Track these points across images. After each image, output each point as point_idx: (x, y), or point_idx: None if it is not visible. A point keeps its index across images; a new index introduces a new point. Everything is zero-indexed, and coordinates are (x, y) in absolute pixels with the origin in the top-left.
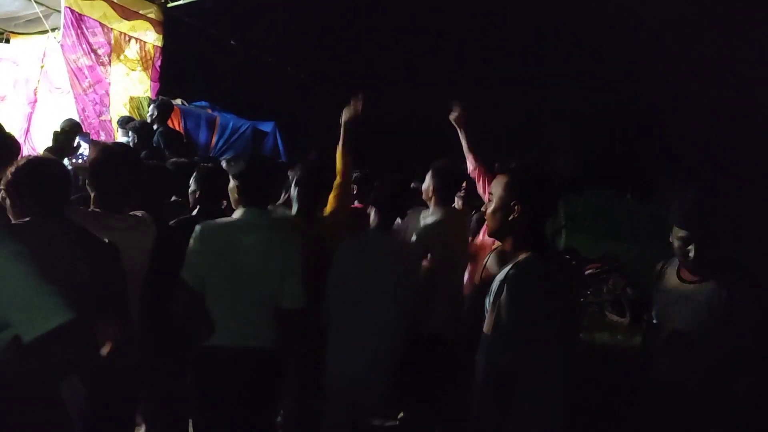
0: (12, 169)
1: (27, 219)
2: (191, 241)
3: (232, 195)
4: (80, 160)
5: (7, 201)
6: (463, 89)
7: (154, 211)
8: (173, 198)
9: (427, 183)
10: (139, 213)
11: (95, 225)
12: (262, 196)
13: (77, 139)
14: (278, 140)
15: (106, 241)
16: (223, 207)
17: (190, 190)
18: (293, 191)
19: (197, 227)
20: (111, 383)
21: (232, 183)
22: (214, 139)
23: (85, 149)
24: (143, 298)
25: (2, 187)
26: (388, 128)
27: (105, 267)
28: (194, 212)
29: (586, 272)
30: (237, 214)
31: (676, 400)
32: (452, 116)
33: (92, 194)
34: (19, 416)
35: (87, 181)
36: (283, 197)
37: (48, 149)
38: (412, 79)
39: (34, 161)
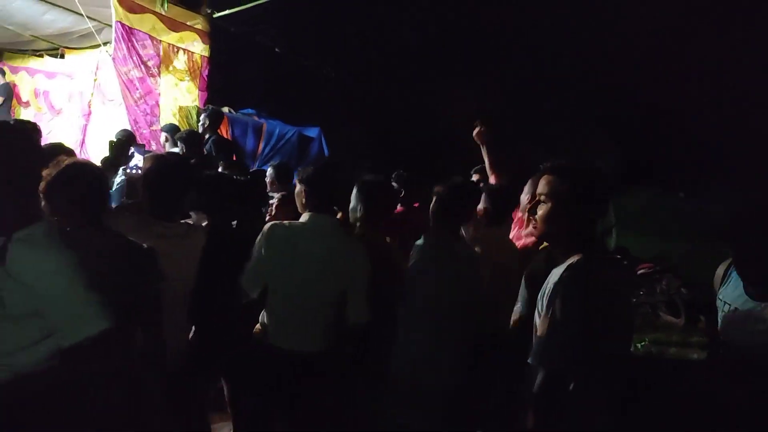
0: (48, 174)
1: (68, 225)
2: (258, 239)
3: (299, 200)
4: (134, 170)
5: (46, 205)
6: (494, 94)
7: (219, 219)
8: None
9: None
10: (190, 220)
11: (145, 231)
12: (328, 202)
13: (131, 149)
14: (323, 146)
15: (145, 246)
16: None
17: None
18: (356, 199)
19: (265, 228)
20: (161, 388)
21: (298, 188)
22: (261, 146)
23: (139, 159)
24: (193, 301)
25: (41, 191)
26: (425, 130)
27: (142, 273)
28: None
29: (638, 272)
30: (303, 218)
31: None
32: (475, 133)
33: (145, 202)
34: (54, 422)
35: (141, 190)
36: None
37: (104, 160)
38: (456, 82)
39: (69, 168)
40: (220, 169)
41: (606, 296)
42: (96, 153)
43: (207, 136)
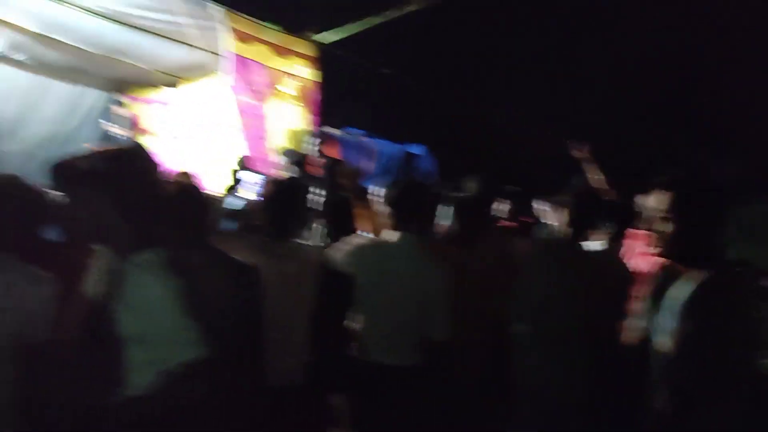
0: (162, 197)
1: (178, 246)
2: (343, 256)
3: (384, 219)
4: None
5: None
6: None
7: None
8: None
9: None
10: (307, 241)
11: (263, 252)
12: (412, 221)
13: (246, 174)
14: (430, 164)
15: (249, 264)
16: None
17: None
18: (451, 215)
19: (350, 246)
20: (280, 406)
21: (383, 207)
22: (370, 166)
23: (253, 183)
24: (312, 321)
25: (155, 214)
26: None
27: (247, 293)
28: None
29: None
30: (388, 237)
31: None
32: (576, 154)
33: (263, 223)
34: None
35: (259, 212)
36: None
37: (228, 188)
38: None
39: (178, 190)
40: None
41: (737, 312)
42: (210, 178)
43: (319, 159)
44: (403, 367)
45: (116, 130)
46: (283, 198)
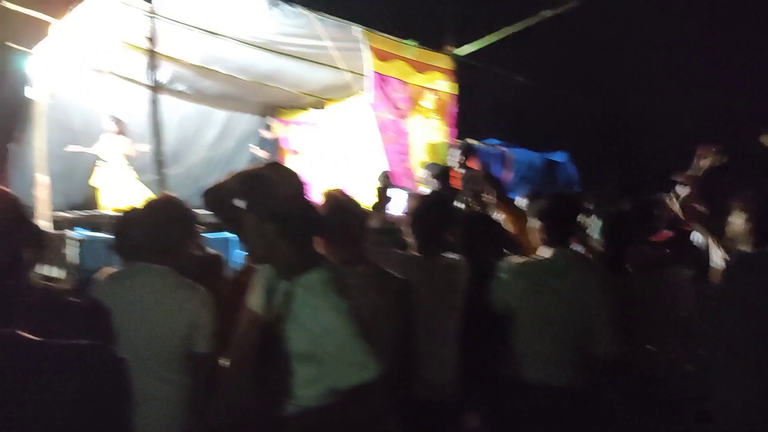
0: (321, 215)
1: (336, 264)
2: (498, 275)
3: (534, 235)
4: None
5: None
6: None
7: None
8: None
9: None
10: (456, 256)
11: (411, 268)
12: (565, 235)
13: (391, 190)
14: (572, 171)
15: (403, 279)
16: None
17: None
18: (598, 229)
19: (503, 264)
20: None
21: (533, 222)
22: (508, 176)
23: (398, 198)
24: (461, 335)
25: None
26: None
27: (402, 309)
28: None
29: None
30: (543, 253)
31: None
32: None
33: (411, 240)
34: None
35: (407, 228)
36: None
37: (375, 206)
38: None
39: (335, 207)
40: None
41: None
42: (358, 193)
43: (462, 172)
44: (562, 388)
45: (264, 152)
46: (429, 213)
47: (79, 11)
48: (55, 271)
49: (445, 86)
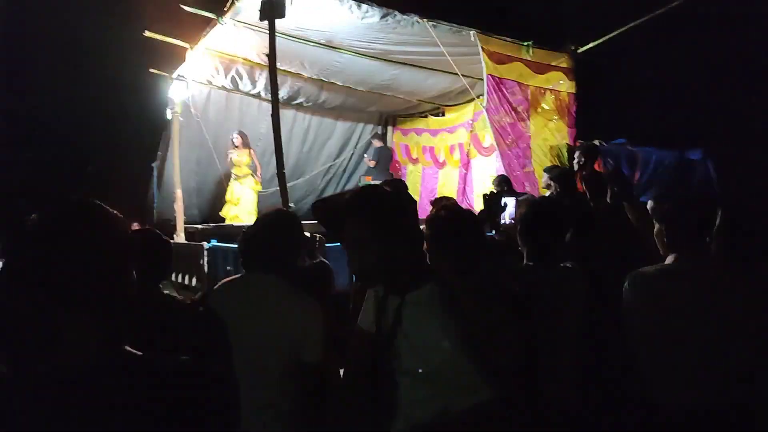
0: (432, 226)
1: (449, 279)
2: (625, 289)
3: (659, 240)
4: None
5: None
6: None
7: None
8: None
9: None
10: (569, 264)
11: (526, 280)
12: (692, 241)
13: (504, 201)
14: (710, 169)
15: (521, 293)
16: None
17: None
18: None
19: (629, 275)
20: None
21: (657, 227)
22: (637, 176)
23: (513, 204)
24: (582, 351)
25: (427, 243)
26: None
27: (521, 326)
28: None
29: None
30: (668, 261)
31: None
32: None
33: (524, 247)
34: None
35: (517, 236)
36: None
37: (487, 214)
38: None
39: (445, 219)
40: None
41: None
42: (475, 199)
43: (584, 174)
44: (706, 411)
45: (378, 162)
46: (539, 220)
47: (209, 36)
48: (191, 281)
49: (566, 86)
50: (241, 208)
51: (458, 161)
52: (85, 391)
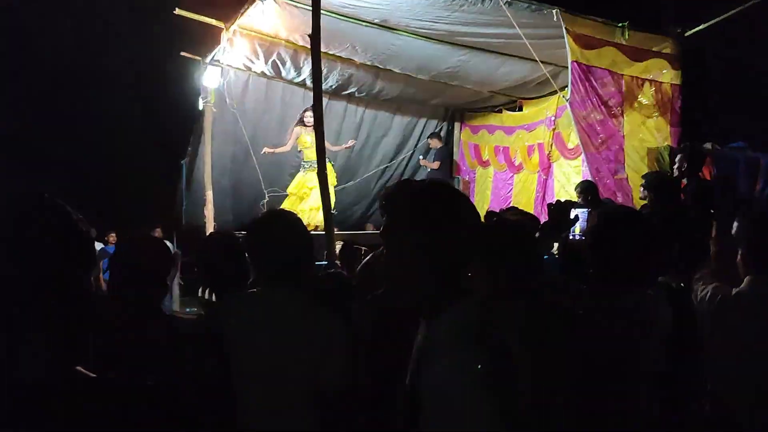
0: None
1: (491, 300)
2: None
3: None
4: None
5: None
6: None
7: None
8: None
9: None
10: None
11: (588, 306)
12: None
13: (575, 212)
14: None
15: (581, 321)
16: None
17: None
18: None
19: (718, 298)
20: None
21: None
22: (758, 186)
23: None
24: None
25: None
26: None
27: (580, 359)
28: None
29: None
30: (745, 284)
31: None
32: None
33: (590, 266)
34: None
35: (594, 254)
36: None
37: (551, 226)
38: None
39: (501, 231)
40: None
41: None
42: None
43: (685, 182)
44: None
45: (435, 164)
46: (619, 234)
47: (248, 15)
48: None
49: (669, 76)
50: (312, 202)
51: (537, 165)
52: (31, 408)
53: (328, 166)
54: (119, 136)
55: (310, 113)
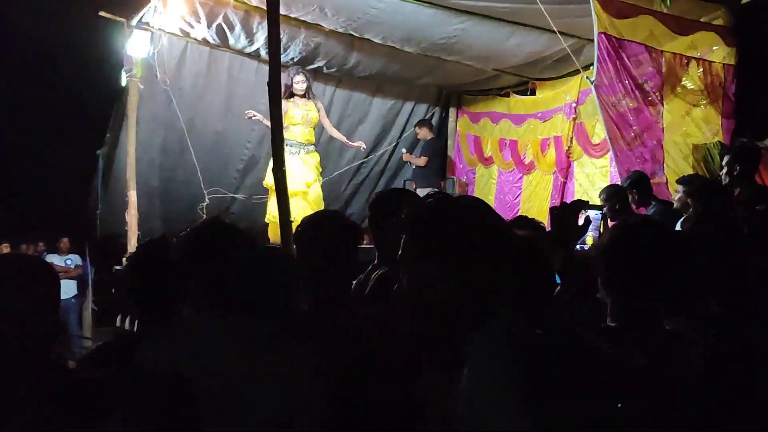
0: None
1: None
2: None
3: None
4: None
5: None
6: None
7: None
8: None
9: None
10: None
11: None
12: None
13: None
14: None
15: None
16: None
17: None
18: None
19: None
20: None
21: None
22: None
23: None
24: None
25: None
26: None
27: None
28: None
29: None
30: None
31: None
32: None
33: (604, 297)
34: None
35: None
36: None
37: (561, 237)
38: None
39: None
40: None
41: None
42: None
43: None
44: None
45: (422, 160)
46: (642, 256)
47: None
48: None
49: (721, 54)
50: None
51: (553, 164)
52: None
53: (314, 155)
54: (14, 120)
55: (300, 77)
